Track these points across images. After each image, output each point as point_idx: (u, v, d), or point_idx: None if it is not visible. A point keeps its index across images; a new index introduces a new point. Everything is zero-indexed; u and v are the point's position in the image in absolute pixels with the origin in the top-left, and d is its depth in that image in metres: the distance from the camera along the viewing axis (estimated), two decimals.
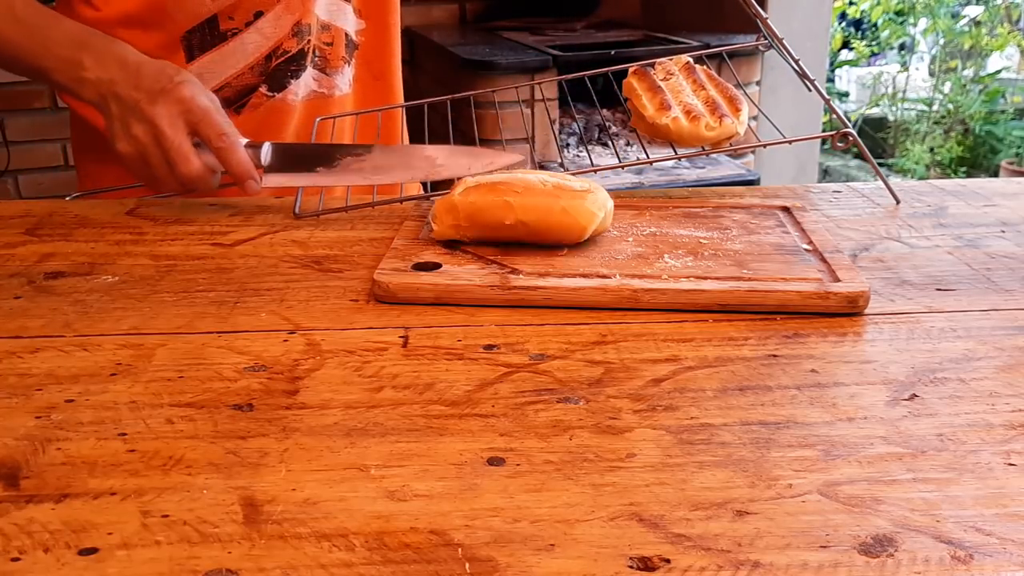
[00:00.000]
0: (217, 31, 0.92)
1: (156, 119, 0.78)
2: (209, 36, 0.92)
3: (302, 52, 0.96)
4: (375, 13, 1.03)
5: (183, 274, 0.71)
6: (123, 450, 0.48)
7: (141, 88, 0.79)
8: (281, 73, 0.96)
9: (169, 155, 0.79)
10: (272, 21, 0.93)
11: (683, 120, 0.83)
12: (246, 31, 0.93)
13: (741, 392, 0.53)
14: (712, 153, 0.84)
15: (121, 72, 0.80)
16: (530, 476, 0.45)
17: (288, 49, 0.95)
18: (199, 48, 0.93)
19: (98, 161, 1.02)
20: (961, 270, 0.70)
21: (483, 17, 3.05)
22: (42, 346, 0.59)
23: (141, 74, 0.80)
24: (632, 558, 0.39)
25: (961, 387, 0.53)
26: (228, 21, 0.92)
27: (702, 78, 0.89)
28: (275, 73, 0.96)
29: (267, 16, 0.93)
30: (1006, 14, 4.46)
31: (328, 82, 1.00)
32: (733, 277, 0.65)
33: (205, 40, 0.92)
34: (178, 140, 0.78)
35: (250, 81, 0.95)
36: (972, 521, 0.41)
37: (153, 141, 0.79)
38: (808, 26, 2.73)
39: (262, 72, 0.95)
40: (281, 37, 0.94)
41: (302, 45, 0.95)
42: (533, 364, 0.56)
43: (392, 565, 0.39)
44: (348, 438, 0.48)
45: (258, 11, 0.92)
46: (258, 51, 0.94)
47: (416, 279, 0.65)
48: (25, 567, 0.39)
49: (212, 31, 0.92)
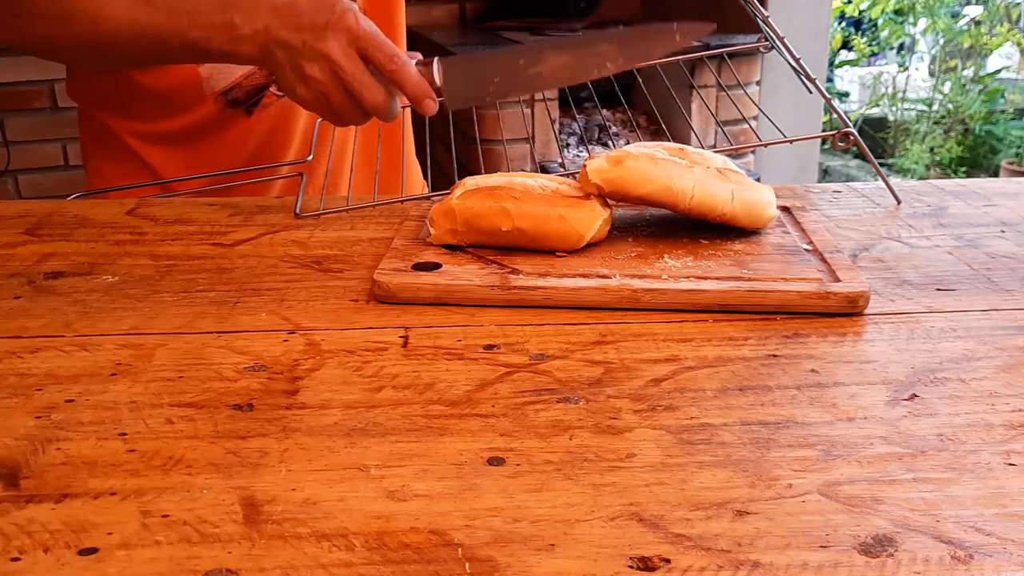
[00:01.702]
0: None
1: (330, 54, 0.75)
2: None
3: None
4: (381, 12, 1.03)
5: (183, 274, 0.71)
6: (123, 450, 0.48)
7: (303, 27, 0.76)
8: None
9: (353, 88, 0.75)
10: None
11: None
12: None
13: (741, 392, 0.53)
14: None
15: (277, 18, 0.77)
16: (530, 476, 0.45)
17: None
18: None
19: (108, 159, 1.02)
20: (961, 270, 0.70)
21: (483, 17, 3.05)
22: (42, 346, 0.59)
23: (299, 13, 0.77)
24: (632, 558, 0.39)
25: (961, 387, 0.53)
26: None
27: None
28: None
29: None
30: (1006, 14, 4.46)
31: None
32: (733, 277, 0.65)
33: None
34: (358, 71, 0.75)
35: (260, 81, 0.95)
36: (972, 521, 0.41)
37: (332, 77, 0.75)
38: (808, 26, 2.73)
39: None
40: None
41: None
42: (533, 364, 0.56)
43: (392, 565, 0.39)
44: (348, 438, 0.48)
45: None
46: None
47: (416, 279, 0.65)
48: (25, 567, 0.39)
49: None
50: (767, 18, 0.91)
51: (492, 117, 2.30)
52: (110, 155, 1.01)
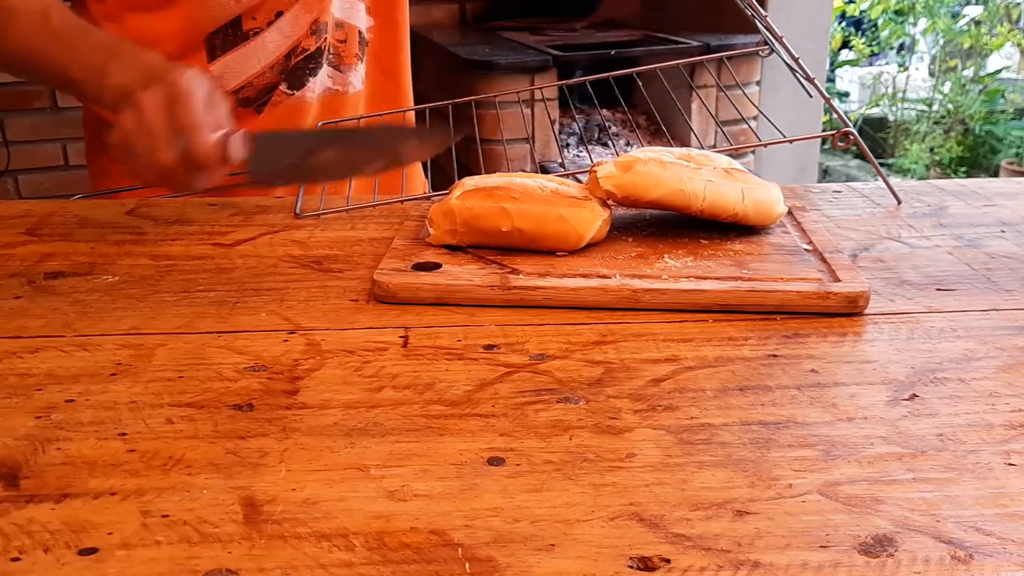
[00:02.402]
0: (240, 31, 0.94)
1: (142, 102, 0.72)
2: (232, 36, 0.94)
3: (319, 50, 0.97)
4: (385, 11, 1.04)
5: (183, 274, 0.71)
6: (123, 450, 0.48)
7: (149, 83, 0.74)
8: (300, 71, 0.97)
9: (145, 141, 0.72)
10: (291, 20, 0.94)
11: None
12: (267, 30, 0.94)
13: (741, 392, 0.53)
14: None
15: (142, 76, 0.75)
16: (530, 476, 0.45)
17: (307, 47, 0.96)
18: (221, 48, 0.94)
19: (114, 159, 1.02)
20: (961, 270, 0.70)
21: (483, 17, 3.05)
22: (42, 346, 0.59)
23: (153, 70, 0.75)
24: (632, 558, 0.39)
25: (961, 387, 0.53)
26: (251, 21, 0.93)
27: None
28: (294, 71, 0.97)
29: (287, 15, 0.94)
30: (1006, 14, 4.46)
31: (342, 79, 1.01)
32: (733, 277, 0.65)
33: (228, 40, 0.94)
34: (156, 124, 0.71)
35: (271, 80, 0.96)
36: (972, 521, 0.41)
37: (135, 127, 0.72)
38: (808, 26, 2.73)
39: (282, 71, 0.96)
40: (300, 35, 0.95)
41: (319, 43, 0.97)
42: (533, 364, 0.56)
43: (392, 565, 0.39)
44: (348, 438, 0.48)
45: (279, 11, 0.94)
46: (278, 50, 0.95)
47: (416, 279, 0.65)
48: (25, 567, 0.39)
49: (235, 31, 0.93)
50: (765, 18, 0.91)
51: (492, 117, 2.30)
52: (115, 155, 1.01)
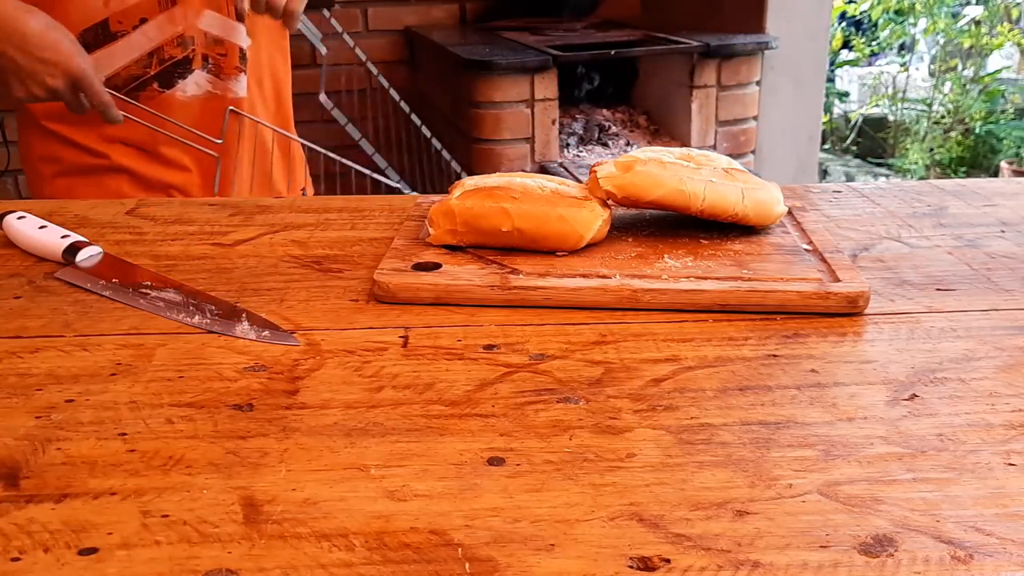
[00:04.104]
0: (108, 32, 1.08)
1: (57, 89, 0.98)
2: (102, 35, 1.08)
3: (187, 59, 1.12)
4: (266, 34, 1.18)
5: (183, 274, 0.71)
6: (123, 450, 0.48)
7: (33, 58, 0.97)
8: (169, 73, 1.12)
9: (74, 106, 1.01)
10: (156, 27, 1.10)
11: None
12: (132, 33, 1.09)
13: (741, 392, 0.53)
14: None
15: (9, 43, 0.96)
16: (530, 476, 0.45)
17: (173, 55, 1.11)
18: (93, 44, 1.07)
19: (63, 167, 1.20)
20: (961, 270, 0.70)
21: (483, 17, 3.05)
22: (42, 346, 0.59)
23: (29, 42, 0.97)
24: (632, 558, 0.39)
25: (961, 387, 0.53)
26: (118, 24, 1.08)
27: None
28: (164, 73, 1.12)
29: (151, 23, 1.09)
30: (1006, 13, 4.46)
31: (223, 86, 1.15)
32: (733, 277, 0.65)
33: (98, 38, 1.07)
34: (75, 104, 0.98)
35: (136, 72, 1.10)
36: (972, 521, 0.41)
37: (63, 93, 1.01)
38: (808, 26, 2.73)
39: (147, 66, 1.11)
40: (163, 42, 1.10)
41: (187, 53, 1.12)
42: (533, 364, 0.56)
43: (392, 565, 0.39)
44: (348, 438, 0.48)
45: (143, 17, 1.09)
46: (142, 49, 1.10)
47: (416, 279, 0.65)
48: (25, 567, 0.39)
49: (104, 31, 1.08)
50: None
51: (492, 117, 2.30)
52: (62, 161, 1.18)
